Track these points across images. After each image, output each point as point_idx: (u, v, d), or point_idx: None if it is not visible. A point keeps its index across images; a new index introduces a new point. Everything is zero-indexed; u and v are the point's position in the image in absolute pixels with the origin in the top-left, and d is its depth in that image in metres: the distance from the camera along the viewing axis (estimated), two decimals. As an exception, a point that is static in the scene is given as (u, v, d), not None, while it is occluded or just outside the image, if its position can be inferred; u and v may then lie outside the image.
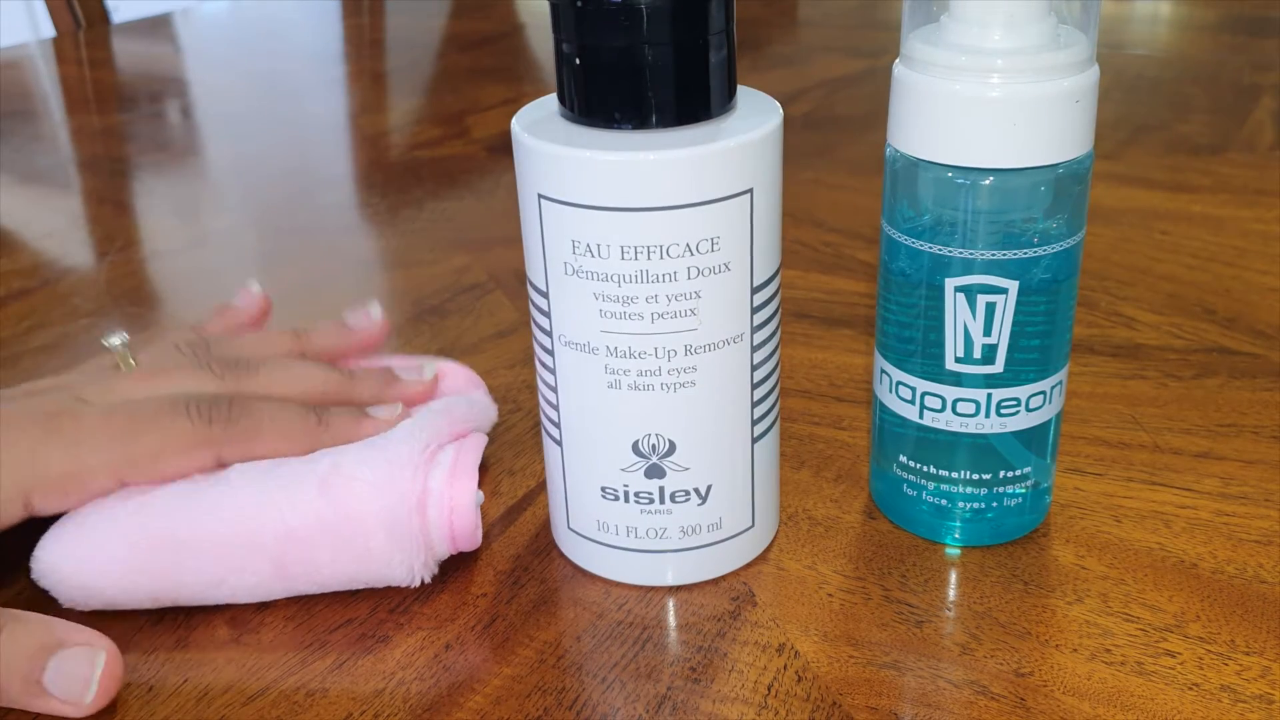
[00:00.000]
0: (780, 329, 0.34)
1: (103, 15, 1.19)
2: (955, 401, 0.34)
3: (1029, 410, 0.34)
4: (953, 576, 0.35)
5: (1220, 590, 0.34)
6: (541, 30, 1.11)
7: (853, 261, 0.58)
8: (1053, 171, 0.31)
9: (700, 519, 0.34)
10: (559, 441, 0.35)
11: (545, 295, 0.32)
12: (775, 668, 0.32)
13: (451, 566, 0.36)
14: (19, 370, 0.50)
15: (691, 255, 0.31)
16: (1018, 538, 0.37)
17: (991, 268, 0.32)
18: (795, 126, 0.79)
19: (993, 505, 0.36)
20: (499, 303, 0.55)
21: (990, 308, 0.33)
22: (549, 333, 0.33)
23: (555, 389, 0.34)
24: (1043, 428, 0.35)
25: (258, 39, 1.20)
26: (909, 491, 0.37)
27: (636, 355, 0.32)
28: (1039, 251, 0.32)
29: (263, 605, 0.35)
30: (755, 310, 0.32)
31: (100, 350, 0.38)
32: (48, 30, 1.18)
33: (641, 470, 0.34)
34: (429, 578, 0.35)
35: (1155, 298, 0.52)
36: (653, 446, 0.33)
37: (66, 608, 0.34)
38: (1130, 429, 0.42)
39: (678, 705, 0.31)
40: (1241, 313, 0.51)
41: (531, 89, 0.93)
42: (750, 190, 0.31)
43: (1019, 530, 0.37)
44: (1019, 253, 0.32)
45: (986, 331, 0.33)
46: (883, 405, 0.36)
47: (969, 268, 0.32)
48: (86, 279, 0.60)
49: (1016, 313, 0.33)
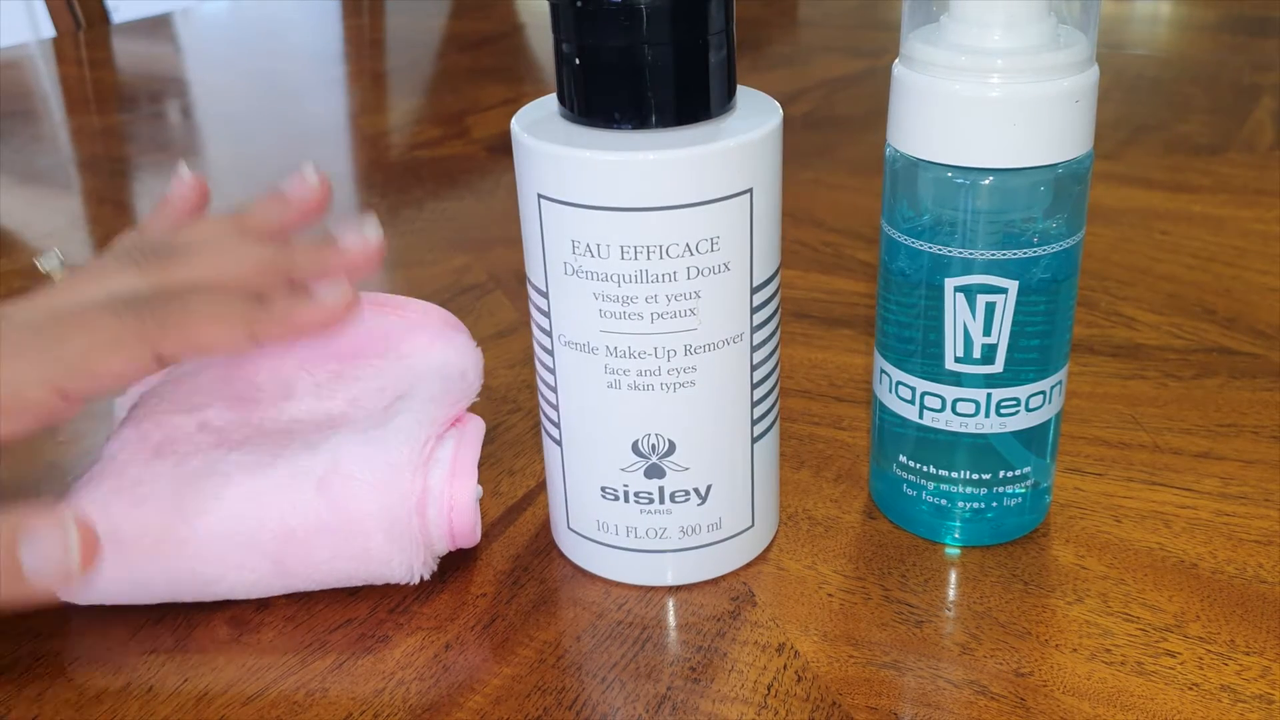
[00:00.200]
0: (780, 329, 0.34)
1: (103, 15, 1.19)
2: (955, 401, 0.34)
3: (1029, 410, 0.34)
4: (953, 576, 0.35)
5: (1220, 590, 0.34)
6: (541, 30, 1.11)
7: (853, 261, 0.58)
8: (1052, 171, 0.31)
9: (700, 519, 0.34)
10: (559, 441, 0.35)
11: (545, 295, 0.32)
12: (775, 668, 0.32)
13: (451, 566, 0.36)
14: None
15: (691, 255, 0.31)
16: (1018, 538, 0.37)
17: (991, 268, 0.32)
18: (795, 126, 0.79)
19: (992, 505, 0.36)
20: (499, 303, 0.55)
21: (990, 308, 0.33)
22: (549, 333, 0.33)
23: (555, 389, 0.34)
24: (1043, 428, 0.35)
25: (258, 39, 1.20)
26: (909, 491, 0.37)
27: (636, 355, 0.32)
28: (1039, 251, 0.32)
29: (262, 605, 0.35)
30: (755, 310, 0.32)
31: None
32: (48, 30, 1.18)
33: (641, 470, 0.34)
34: (428, 575, 0.35)
35: (1155, 298, 0.52)
36: (652, 446, 0.33)
37: (64, 603, 0.34)
38: (1130, 429, 0.42)
39: (678, 705, 0.31)
40: (1241, 313, 0.51)
41: (531, 89, 0.93)
42: (750, 190, 0.31)
43: (1019, 530, 0.37)
44: (1019, 253, 0.32)
45: (986, 331, 0.33)
46: (883, 405, 0.36)
47: (969, 268, 0.32)
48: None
49: (1016, 313, 0.33)
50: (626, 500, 0.34)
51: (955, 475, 0.35)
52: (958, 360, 0.34)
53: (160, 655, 0.33)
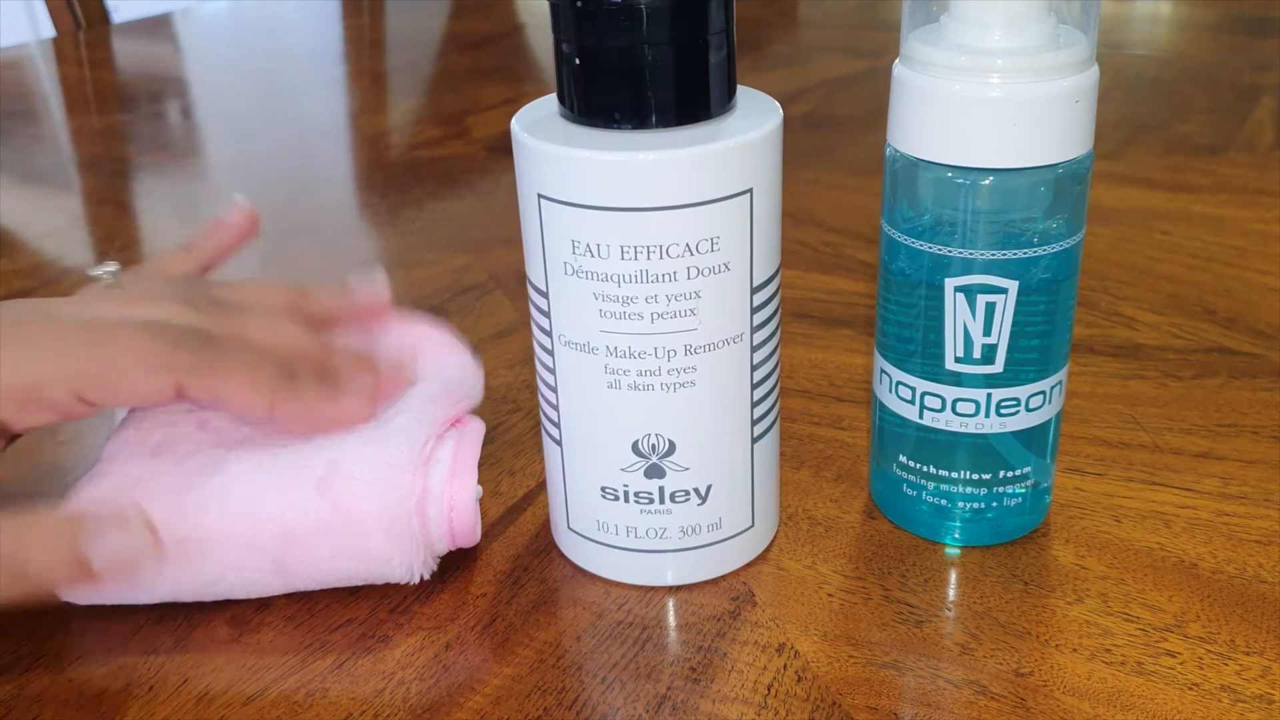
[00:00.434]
0: (780, 329, 0.34)
1: (103, 15, 1.19)
2: (955, 401, 0.34)
3: (1029, 410, 0.34)
4: (953, 576, 0.35)
5: (1220, 590, 0.34)
6: (541, 30, 1.11)
7: (853, 261, 0.58)
8: (1052, 171, 0.31)
9: (700, 519, 0.34)
10: (559, 441, 0.35)
11: (545, 295, 0.32)
12: (775, 668, 0.32)
13: (451, 566, 0.36)
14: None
15: (691, 255, 0.31)
16: (1018, 538, 0.37)
17: (991, 268, 0.32)
18: (795, 126, 0.79)
19: (993, 505, 0.36)
20: (499, 303, 0.55)
21: (990, 308, 0.33)
22: (549, 333, 0.33)
23: (555, 389, 0.34)
24: (1042, 428, 0.35)
25: (258, 39, 1.20)
26: (909, 491, 0.37)
27: (636, 355, 0.32)
28: (1039, 251, 0.32)
29: (263, 605, 0.35)
30: (755, 310, 0.32)
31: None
32: (48, 30, 1.18)
33: (641, 470, 0.34)
34: (428, 575, 0.35)
35: (1155, 298, 0.52)
36: (652, 446, 0.33)
37: (65, 602, 0.34)
38: (1130, 429, 0.42)
39: (678, 705, 0.31)
40: (1241, 313, 0.51)
41: (531, 89, 0.93)
42: (750, 190, 0.31)
43: (1019, 530, 0.37)
44: (1019, 253, 0.32)
45: (986, 331, 0.33)
46: (882, 405, 0.36)
47: (969, 268, 0.32)
48: (86, 279, 0.60)
49: (1016, 313, 0.33)
50: (626, 500, 0.34)
51: (955, 475, 0.35)
52: (958, 360, 0.34)
53: (160, 655, 0.33)
